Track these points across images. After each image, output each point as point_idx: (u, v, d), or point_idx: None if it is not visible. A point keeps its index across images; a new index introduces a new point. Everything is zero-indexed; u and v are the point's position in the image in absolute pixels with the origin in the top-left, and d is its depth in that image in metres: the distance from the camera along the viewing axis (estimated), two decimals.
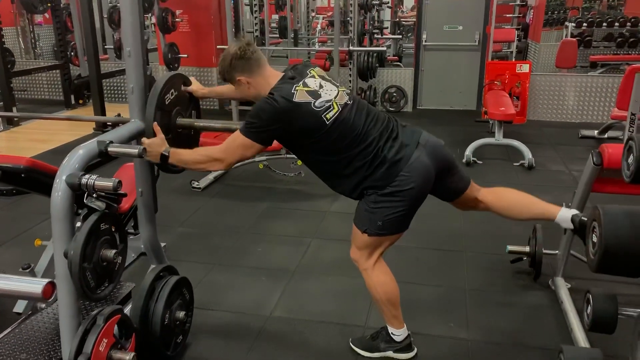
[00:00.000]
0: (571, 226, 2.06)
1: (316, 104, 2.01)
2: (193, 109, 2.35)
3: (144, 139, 2.07)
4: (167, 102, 2.17)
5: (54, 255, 1.79)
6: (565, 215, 2.08)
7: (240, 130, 2.03)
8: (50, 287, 1.06)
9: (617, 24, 8.91)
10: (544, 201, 2.27)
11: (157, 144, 2.06)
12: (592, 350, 1.60)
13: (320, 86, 2.07)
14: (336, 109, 2.04)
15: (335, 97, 2.06)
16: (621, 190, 2.29)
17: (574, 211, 2.06)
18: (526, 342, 2.43)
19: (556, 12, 10.42)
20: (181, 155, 2.09)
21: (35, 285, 1.06)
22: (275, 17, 8.38)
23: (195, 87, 2.32)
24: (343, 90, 2.13)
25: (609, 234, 1.34)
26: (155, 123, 2.08)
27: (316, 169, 2.20)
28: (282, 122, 2.00)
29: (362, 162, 2.05)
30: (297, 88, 2.02)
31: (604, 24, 8.99)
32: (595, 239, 1.43)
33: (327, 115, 2.01)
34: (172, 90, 2.20)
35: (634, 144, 1.30)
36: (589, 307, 1.53)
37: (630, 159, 1.32)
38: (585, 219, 1.90)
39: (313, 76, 2.10)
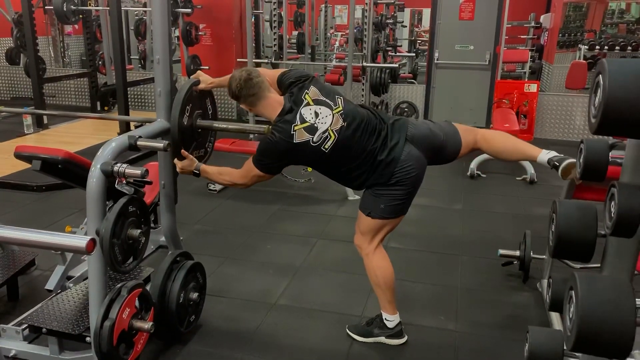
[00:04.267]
0: (548, 165, 2.26)
1: (314, 139, 2.27)
2: (209, 102, 2.63)
3: (177, 161, 2.42)
4: (187, 111, 2.44)
5: (87, 233, 2.06)
6: (543, 157, 2.27)
7: (253, 162, 2.35)
8: (92, 243, 1.31)
9: (629, 47, 9.07)
10: (528, 145, 2.44)
11: (188, 165, 2.42)
12: (553, 330, 1.81)
13: (316, 115, 2.28)
14: (333, 137, 2.28)
15: (330, 125, 2.29)
16: (598, 198, 2.50)
17: (552, 154, 2.24)
18: (509, 336, 2.64)
19: (573, 34, 10.60)
20: (209, 175, 2.46)
21: (80, 240, 1.31)
22: (296, 33, 8.70)
23: (203, 84, 2.53)
24: (338, 112, 2.31)
25: (562, 223, 1.56)
26: (183, 150, 2.40)
27: (328, 176, 2.50)
28: (286, 158, 2.33)
29: (361, 170, 2.35)
30: (295, 128, 2.26)
31: (617, 47, 9.15)
32: (553, 229, 1.65)
33: (325, 146, 2.29)
34: (191, 99, 2.47)
35: (584, 146, 1.52)
36: (550, 290, 1.74)
37: (581, 159, 1.54)
38: (557, 163, 2.13)
39: (308, 103, 2.29)
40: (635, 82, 1.05)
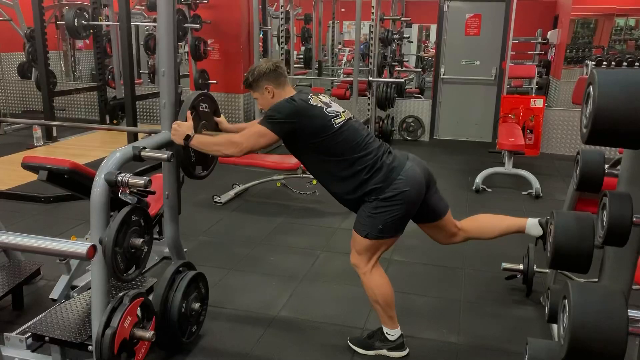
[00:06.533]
0: (540, 230, 2.30)
1: (327, 110, 2.37)
2: (214, 121, 2.67)
3: (176, 123, 2.37)
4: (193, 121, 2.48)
5: (91, 242, 2.08)
6: (532, 222, 2.32)
7: (261, 121, 2.36)
8: (93, 249, 1.33)
9: (637, 63, 9.06)
10: (512, 218, 2.53)
11: (186, 125, 2.36)
12: (552, 342, 1.80)
13: (326, 104, 2.42)
14: (343, 118, 2.39)
15: (341, 112, 2.42)
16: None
17: (539, 219, 2.30)
18: (510, 349, 2.63)
19: (580, 50, 10.60)
20: (203, 137, 2.40)
21: (81, 247, 1.33)
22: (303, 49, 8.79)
23: (223, 119, 2.67)
24: (345, 112, 2.46)
25: (559, 233, 1.57)
26: (189, 111, 2.40)
27: (318, 168, 2.45)
28: (298, 117, 2.32)
29: (362, 166, 2.33)
30: (311, 96, 2.40)
31: (624, 63, 9.15)
32: (551, 239, 1.66)
33: (336, 121, 2.35)
34: (201, 105, 2.52)
35: (580, 157, 1.54)
36: (548, 302, 1.75)
37: (578, 170, 1.56)
38: (550, 217, 2.16)
39: (317, 97, 2.45)
40: (624, 92, 1.06)
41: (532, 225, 2.41)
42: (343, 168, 2.35)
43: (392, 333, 2.52)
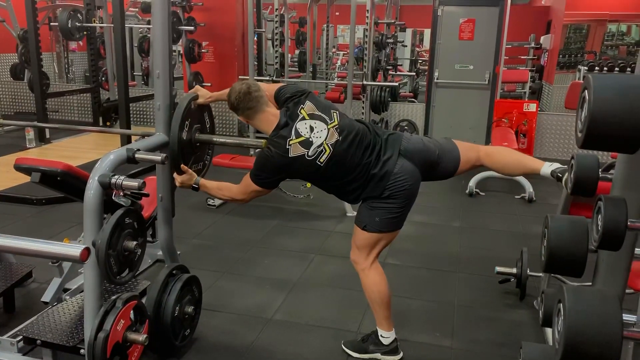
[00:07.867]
0: (552, 178, 2.28)
1: (309, 153, 2.29)
2: (207, 116, 2.67)
3: (176, 176, 2.45)
4: (187, 125, 2.48)
5: (84, 244, 2.07)
6: (546, 170, 2.29)
7: (250, 177, 2.37)
8: (86, 252, 1.33)
9: (628, 69, 9.13)
10: (531, 159, 2.46)
11: (187, 179, 2.45)
12: (547, 346, 1.80)
13: (311, 129, 2.31)
14: (328, 151, 2.30)
15: (325, 139, 2.31)
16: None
17: (555, 166, 2.27)
18: (505, 353, 2.63)
19: (573, 55, 10.67)
20: (209, 190, 2.48)
21: (74, 249, 1.32)
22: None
23: (202, 99, 2.60)
24: (333, 127, 2.34)
25: (553, 238, 1.57)
26: (183, 164, 2.44)
27: (324, 189, 2.52)
28: (283, 172, 2.35)
29: (357, 183, 2.37)
30: (290, 142, 2.29)
31: (616, 68, 9.21)
32: (545, 243, 1.66)
33: (321, 159, 2.30)
34: (190, 113, 2.51)
35: (574, 162, 1.54)
36: (543, 306, 1.75)
37: (572, 174, 1.56)
38: (560, 175, 2.14)
39: (303, 117, 2.32)
40: (619, 96, 1.07)
41: (545, 174, 2.37)
42: (344, 186, 2.40)
43: (387, 336, 2.52)
